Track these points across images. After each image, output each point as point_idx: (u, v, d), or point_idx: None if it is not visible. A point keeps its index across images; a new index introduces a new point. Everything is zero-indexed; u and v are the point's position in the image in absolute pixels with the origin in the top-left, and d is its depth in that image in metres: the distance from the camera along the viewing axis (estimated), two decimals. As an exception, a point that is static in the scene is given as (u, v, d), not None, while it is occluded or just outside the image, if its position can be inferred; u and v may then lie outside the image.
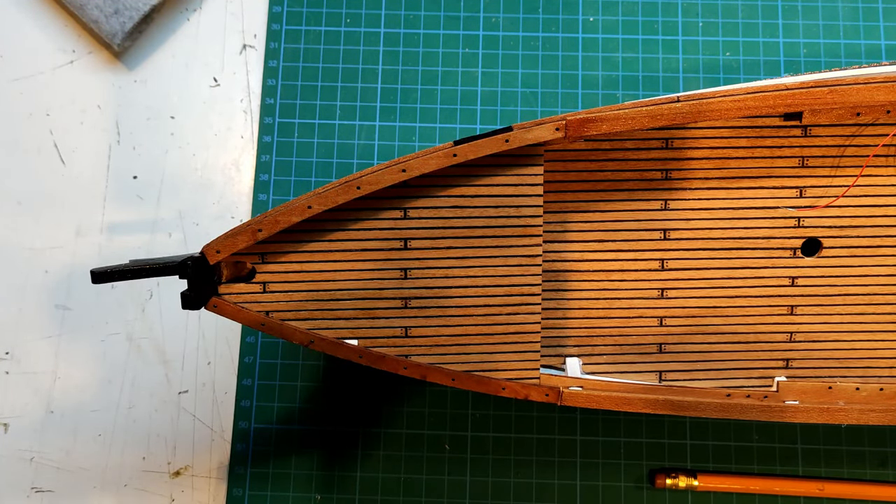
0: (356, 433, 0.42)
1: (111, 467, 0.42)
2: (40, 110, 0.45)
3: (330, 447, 0.42)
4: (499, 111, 0.44)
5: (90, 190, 0.44)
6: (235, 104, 0.45)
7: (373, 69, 0.45)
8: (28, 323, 0.43)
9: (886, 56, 0.44)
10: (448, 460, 0.42)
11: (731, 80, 0.44)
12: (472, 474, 0.42)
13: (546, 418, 0.42)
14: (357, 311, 0.33)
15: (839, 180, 0.36)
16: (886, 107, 0.32)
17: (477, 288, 0.34)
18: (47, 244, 0.44)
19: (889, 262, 0.36)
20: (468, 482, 0.42)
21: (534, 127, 0.31)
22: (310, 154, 0.44)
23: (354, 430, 0.42)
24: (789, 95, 0.31)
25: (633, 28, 0.45)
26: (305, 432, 0.42)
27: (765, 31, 0.44)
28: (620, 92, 0.44)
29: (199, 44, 0.46)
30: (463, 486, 0.41)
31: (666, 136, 0.35)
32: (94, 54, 0.45)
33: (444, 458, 0.42)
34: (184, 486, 0.42)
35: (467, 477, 0.42)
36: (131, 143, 0.45)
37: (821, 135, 0.35)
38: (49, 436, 0.42)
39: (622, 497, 0.41)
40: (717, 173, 0.35)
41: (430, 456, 0.42)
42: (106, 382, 0.43)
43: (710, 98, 0.31)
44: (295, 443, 0.42)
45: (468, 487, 0.41)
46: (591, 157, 0.35)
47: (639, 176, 0.36)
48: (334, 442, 0.42)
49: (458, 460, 0.42)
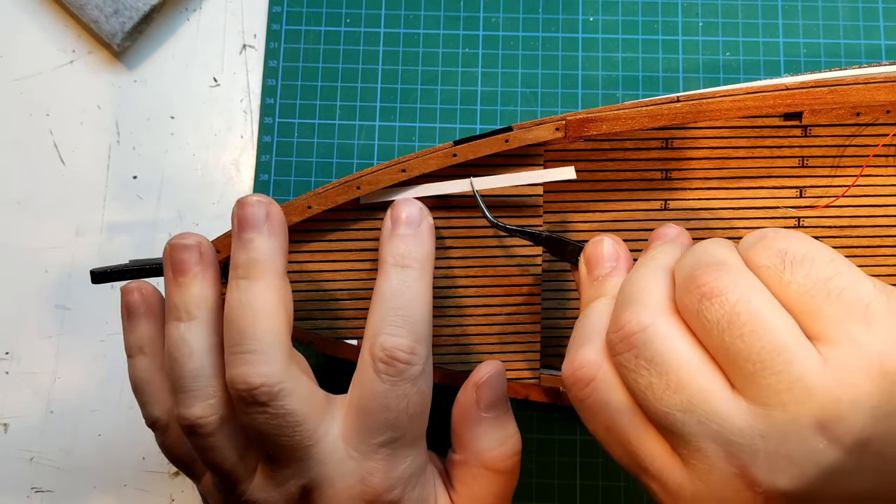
0: (356, 433, 0.42)
1: (111, 467, 0.42)
2: (40, 110, 0.45)
3: (330, 447, 0.42)
4: (499, 111, 0.44)
5: (90, 190, 0.44)
6: (235, 104, 0.45)
7: (373, 69, 0.45)
8: (28, 323, 0.43)
9: (886, 56, 0.44)
10: (448, 460, 0.42)
11: (731, 80, 0.44)
12: (472, 474, 0.42)
13: (546, 418, 0.42)
14: (357, 311, 0.33)
15: (839, 180, 0.36)
16: (886, 107, 0.32)
17: (477, 288, 0.34)
18: (47, 244, 0.44)
19: (889, 262, 0.36)
20: (468, 482, 0.41)
21: (534, 127, 0.31)
22: (310, 154, 0.44)
23: (354, 430, 0.42)
24: (789, 95, 0.31)
25: (633, 28, 0.45)
26: (305, 432, 0.42)
27: (765, 31, 0.44)
28: (620, 92, 0.44)
29: (199, 44, 0.46)
30: (463, 486, 0.41)
31: (666, 136, 0.35)
32: (94, 54, 0.45)
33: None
34: (184, 486, 0.42)
35: (467, 477, 0.42)
36: (131, 143, 0.45)
37: (821, 135, 0.35)
38: (49, 436, 0.42)
39: (622, 497, 0.41)
40: (717, 173, 0.35)
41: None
42: (106, 382, 0.43)
43: (709, 98, 0.31)
44: (295, 443, 0.42)
45: (468, 487, 0.41)
46: (591, 157, 0.35)
47: (639, 176, 0.36)
48: (334, 442, 0.42)
49: (458, 460, 0.42)
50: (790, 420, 0.22)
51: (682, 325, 0.24)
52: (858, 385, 0.22)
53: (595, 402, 0.26)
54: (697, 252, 0.25)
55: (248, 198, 0.30)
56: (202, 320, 0.30)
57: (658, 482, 0.25)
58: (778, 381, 0.22)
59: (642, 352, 0.24)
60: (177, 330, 0.30)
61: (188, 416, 0.29)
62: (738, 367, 0.23)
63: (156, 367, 0.32)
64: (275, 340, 0.29)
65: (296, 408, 0.29)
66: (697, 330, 0.24)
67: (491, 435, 0.32)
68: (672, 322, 0.24)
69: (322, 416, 0.30)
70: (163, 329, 0.33)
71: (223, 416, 0.30)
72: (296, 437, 0.29)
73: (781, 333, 0.22)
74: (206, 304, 0.30)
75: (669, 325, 0.24)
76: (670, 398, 0.24)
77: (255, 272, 0.29)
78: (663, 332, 0.24)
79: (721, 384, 0.23)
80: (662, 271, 0.26)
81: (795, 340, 0.22)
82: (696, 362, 0.24)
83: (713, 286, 0.23)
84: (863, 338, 0.22)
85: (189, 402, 0.29)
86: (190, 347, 0.30)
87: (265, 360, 0.28)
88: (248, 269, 0.29)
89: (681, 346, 0.24)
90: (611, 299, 0.28)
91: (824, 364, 0.22)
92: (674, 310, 0.25)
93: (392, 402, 0.29)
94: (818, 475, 0.22)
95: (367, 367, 0.29)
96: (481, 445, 0.32)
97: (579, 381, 0.26)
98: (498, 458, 0.32)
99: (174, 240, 0.31)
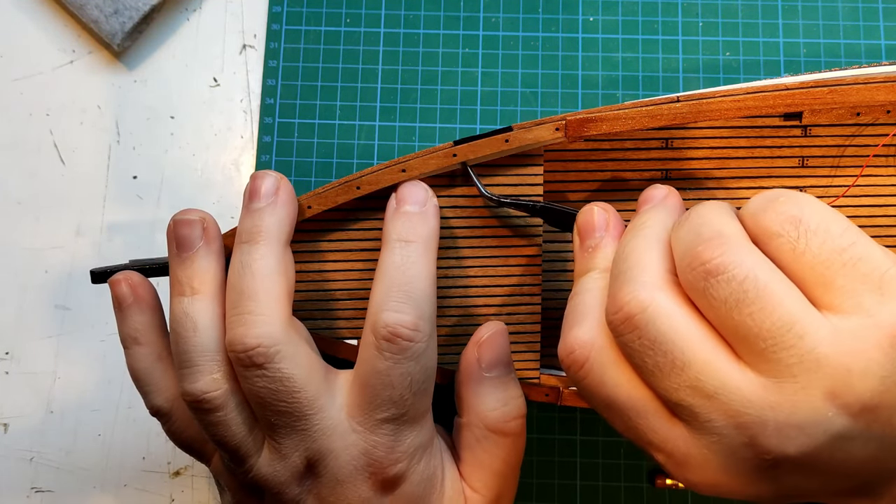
0: (356, 433, 0.42)
1: (111, 467, 0.42)
2: (40, 110, 0.45)
3: (330, 447, 0.42)
4: (499, 111, 0.44)
5: (90, 190, 0.44)
6: (235, 104, 0.45)
7: (373, 69, 0.45)
8: (28, 323, 0.43)
9: (886, 56, 0.44)
10: (448, 460, 0.42)
11: (731, 80, 0.44)
12: (472, 474, 0.42)
13: (546, 418, 0.42)
14: (357, 311, 0.33)
15: (839, 180, 0.36)
16: (886, 107, 0.32)
17: (477, 288, 0.34)
18: (47, 244, 0.44)
19: (889, 262, 0.36)
20: (468, 482, 0.41)
21: (534, 127, 0.31)
22: (310, 154, 0.44)
23: (354, 430, 0.42)
24: (789, 95, 0.31)
25: (633, 28, 0.45)
26: (305, 432, 0.42)
27: (765, 31, 0.44)
28: (620, 92, 0.44)
29: (199, 44, 0.46)
30: (463, 486, 0.41)
31: (666, 136, 0.35)
32: (94, 54, 0.45)
33: (444, 458, 0.42)
34: (184, 486, 0.42)
35: (467, 477, 0.42)
36: (131, 143, 0.45)
37: (821, 135, 0.35)
38: (49, 436, 0.42)
39: (622, 497, 0.41)
40: (717, 173, 0.35)
41: (430, 456, 0.42)
42: (106, 382, 0.43)
43: (709, 98, 0.31)
44: (295, 443, 0.42)
45: (468, 487, 0.41)
46: (591, 157, 0.35)
47: (639, 176, 0.36)
48: (334, 442, 0.42)
49: (458, 460, 0.42)
50: (800, 390, 0.22)
51: (681, 299, 0.24)
52: (869, 355, 0.22)
53: (592, 381, 0.26)
54: (694, 221, 0.25)
55: (262, 171, 0.31)
56: (206, 294, 0.30)
57: (663, 452, 0.25)
58: (789, 355, 0.22)
59: (646, 332, 0.24)
60: (180, 305, 0.30)
61: (194, 391, 0.29)
62: (747, 343, 0.23)
63: (153, 356, 0.32)
64: (272, 302, 0.29)
65: (294, 372, 0.28)
66: (703, 306, 0.24)
67: (493, 395, 0.32)
68: (671, 297, 0.24)
69: (323, 386, 0.29)
70: (155, 317, 0.33)
71: (229, 390, 0.29)
72: (295, 404, 0.28)
73: (791, 309, 0.22)
74: (211, 278, 0.30)
75: (670, 301, 0.24)
76: (678, 376, 0.23)
77: (258, 237, 0.29)
78: (665, 309, 0.24)
79: (727, 357, 0.23)
80: (656, 241, 0.26)
81: (805, 314, 0.22)
82: (701, 338, 0.23)
83: (718, 262, 0.23)
84: (875, 308, 0.22)
85: (194, 376, 0.29)
86: (194, 322, 0.29)
87: (262, 322, 0.28)
88: (251, 234, 0.30)
89: (684, 323, 0.24)
90: (601, 273, 0.28)
91: (834, 334, 0.22)
92: (672, 282, 0.25)
93: (395, 379, 0.29)
94: (826, 442, 0.22)
95: (370, 345, 0.29)
96: (484, 406, 0.32)
97: (574, 363, 0.26)
98: (501, 418, 0.32)
99: (177, 215, 0.31)
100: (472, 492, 0.32)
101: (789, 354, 0.22)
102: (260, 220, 0.30)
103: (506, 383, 0.33)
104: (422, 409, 0.31)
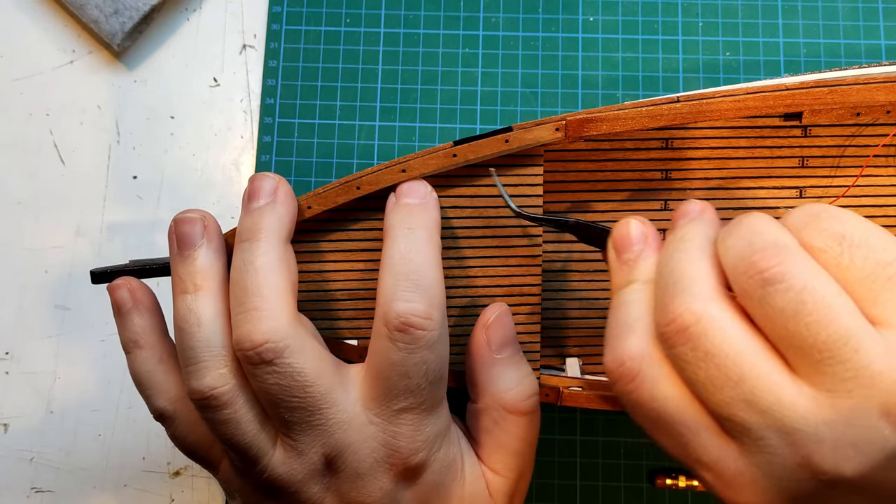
0: (356, 433, 0.42)
1: (111, 467, 0.42)
2: (40, 110, 0.45)
3: (330, 447, 0.42)
4: (499, 111, 0.44)
5: (90, 190, 0.44)
6: (235, 104, 0.45)
7: (373, 69, 0.45)
8: (28, 323, 0.43)
9: (886, 56, 0.44)
10: (448, 460, 0.42)
11: (731, 80, 0.44)
12: (472, 474, 0.42)
13: (546, 418, 0.42)
14: (357, 311, 0.33)
15: (839, 180, 0.36)
16: (886, 107, 0.32)
17: (477, 288, 0.34)
18: (47, 244, 0.44)
19: (889, 263, 0.36)
20: (468, 482, 0.41)
21: (534, 127, 0.31)
22: (310, 154, 0.44)
23: (354, 430, 0.42)
24: (789, 95, 0.31)
25: (633, 28, 0.45)
26: (305, 432, 0.42)
27: (765, 31, 0.44)
28: (620, 92, 0.44)
29: (199, 44, 0.46)
30: (463, 486, 0.41)
31: (666, 137, 0.35)
32: (94, 54, 0.45)
33: (444, 458, 0.42)
34: (184, 486, 0.42)
35: (467, 477, 0.42)
36: (131, 143, 0.45)
37: (821, 135, 0.35)
38: (49, 436, 0.42)
39: (622, 497, 0.41)
40: (717, 173, 0.35)
41: (430, 456, 0.42)
42: (106, 382, 0.43)
43: (709, 98, 0.31)
44: (295, 443, 0.42)
45: (468, 487, 0.41)
46: (591, 157, 0.35)
47: (639, 176, 0.36)
48: (334, 442, 0.42)
49: (458, 460, 0.42)
50: (855, 406, 0.22)
51: (734, 311, 0.24)
52: None
53: (642, 395, 0.25)
54: (745, 232, 0.24)
55: (260, 174, 0.31)
56: (209, 290, 0.30)
57: (712, 472, 0.25)
58: (845, 369, 0.22)
59: (700, 344, 0.23)
60: (184, 302, 0.30)
61: (201, 388, 0.29)
62: (802, 354, 0.22)
63: (155, 359, 0.32)
64: (277, 298, 0.28)
65: (305, 366, 0.28)
66: (758, 316, 0.23)
67: (507, 376, 0.32)
68: (724, 309, 0.23)
69: (335, 379, 0.29)
70: (155, 320, 0.32)
71: (237, 386, 0.29)
72: (308, 398, 0.28)
73: (847, 322, 0.22)
74: (213, 274, 0.30)
75: (722, 312, 0.23)
76: (731, 389, 0.23)
77: (259, 234, 0.29)
78: (719, 321, 0.23)
79: (781, 371, 0.23)
80: (701, 252, 0.25)
81: (861, 327, 0.22)
82: (756, 350, 0.23)
83: (776, 271, 0.22)
84: None
85: (200, 373, 0.29)
86: (198, 317, 0.29)
87: (268, 317, 0.28)
88: (251, 231, 0.29)
89: (738, 335, 0.23)
90: (643, 284, 0.27)
91: (888, 349, 0.22)
92: (723, 294, 0.24)
93: (411, 369, 0.28)
94: (882, 461, 0.22)
95: (382, 336, 0.28)
96: (498, 387, 0.32)
97: (624, 375, 0.26)
98: (517, 397, 0.32)
99: (178, 215, 0.31)
100: (493, 474, 0.32)
101: (844, 368, 0.22)
102: (260, 218, 0.30)
103: (517, 362, 0.33)
104: (438, 397, 0.30)
